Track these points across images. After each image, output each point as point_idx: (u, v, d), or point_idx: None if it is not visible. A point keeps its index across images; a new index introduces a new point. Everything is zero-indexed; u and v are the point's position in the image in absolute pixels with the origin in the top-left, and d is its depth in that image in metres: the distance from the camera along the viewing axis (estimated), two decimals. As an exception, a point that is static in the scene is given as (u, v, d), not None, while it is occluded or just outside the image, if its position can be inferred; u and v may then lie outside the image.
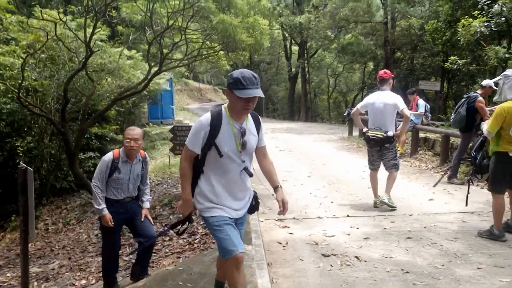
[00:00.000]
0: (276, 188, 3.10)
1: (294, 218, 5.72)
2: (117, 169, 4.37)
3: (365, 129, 6.17)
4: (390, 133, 5.93)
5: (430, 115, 11.78)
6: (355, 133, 14.82)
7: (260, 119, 3.13)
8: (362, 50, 25.70)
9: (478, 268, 3.99)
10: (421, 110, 10.74)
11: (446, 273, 3.89)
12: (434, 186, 6.47)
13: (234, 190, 2.95)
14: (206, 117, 2.86)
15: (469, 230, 5.10)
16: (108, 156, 4.44)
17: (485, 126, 4.87)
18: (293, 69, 33.98)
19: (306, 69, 32.38)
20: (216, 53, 10.54)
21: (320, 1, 23.82)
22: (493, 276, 3.82)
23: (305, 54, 32.11)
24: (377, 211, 6.03)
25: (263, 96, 2.84)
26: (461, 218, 5.60)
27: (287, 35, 32.61)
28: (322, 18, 23.66)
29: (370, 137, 6.01)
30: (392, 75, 6.32)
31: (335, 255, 4.39)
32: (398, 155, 6.26)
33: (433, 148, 10.59)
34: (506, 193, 5.04)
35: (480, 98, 7.24)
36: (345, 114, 16.86)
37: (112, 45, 11.02)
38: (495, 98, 5.26)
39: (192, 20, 9.32)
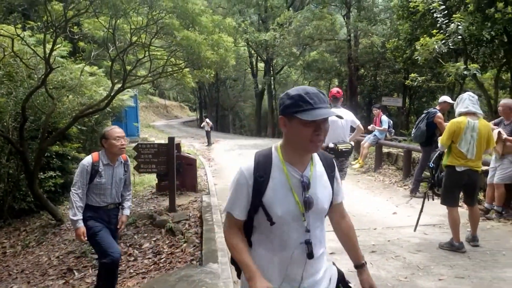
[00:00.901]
0: (360, 266, 2.15)
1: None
2: (98, 173, 4.05)
3: (331, 144, 6.26)
4: (352, 144, 6.45)
5: (393, 130, 12.09)
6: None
7: (334, 162, 2.06)
8: (327, 67, 26.19)
9: (440, 279, 4.06)
10: (385, 126, 11.00)
11: (409, 285, 3.94)
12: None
13: (296, 275, 1.88)
14: (248, 164, 1.87)
15: (431, 242, 5.21)
16: (87, 159, 4.08)
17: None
18: (260, 86, 34.28)
19: (273, 86, 32.75)
20: (181, 70, 10.47)
21: (285, 19, 24.18)
22: (453, 287, 3.89)
23: (271, 71, 32.51)
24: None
25: (342, 118, 2.01)
26: (423, 230, 5.71)
27: (253, 52, 32.96)
28: (287, 35, 24.02)
29: (344, 149, 6.16)
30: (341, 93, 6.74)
31: (300, 271, 4.36)
32: None
33: (396, 162, 10.83)
34: (465, 206, 5.18)
35: (439, 114, 7.49)
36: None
37: (74, 61, 10.77)
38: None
39: (156, 36, 9.25)
